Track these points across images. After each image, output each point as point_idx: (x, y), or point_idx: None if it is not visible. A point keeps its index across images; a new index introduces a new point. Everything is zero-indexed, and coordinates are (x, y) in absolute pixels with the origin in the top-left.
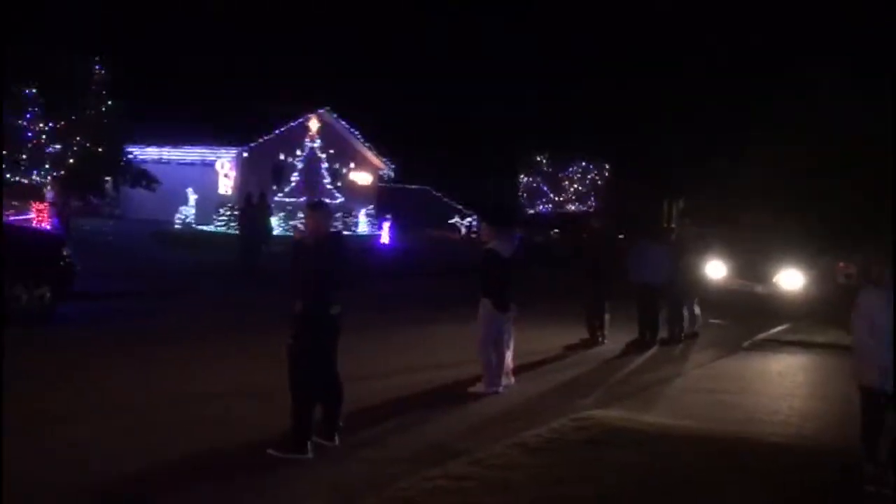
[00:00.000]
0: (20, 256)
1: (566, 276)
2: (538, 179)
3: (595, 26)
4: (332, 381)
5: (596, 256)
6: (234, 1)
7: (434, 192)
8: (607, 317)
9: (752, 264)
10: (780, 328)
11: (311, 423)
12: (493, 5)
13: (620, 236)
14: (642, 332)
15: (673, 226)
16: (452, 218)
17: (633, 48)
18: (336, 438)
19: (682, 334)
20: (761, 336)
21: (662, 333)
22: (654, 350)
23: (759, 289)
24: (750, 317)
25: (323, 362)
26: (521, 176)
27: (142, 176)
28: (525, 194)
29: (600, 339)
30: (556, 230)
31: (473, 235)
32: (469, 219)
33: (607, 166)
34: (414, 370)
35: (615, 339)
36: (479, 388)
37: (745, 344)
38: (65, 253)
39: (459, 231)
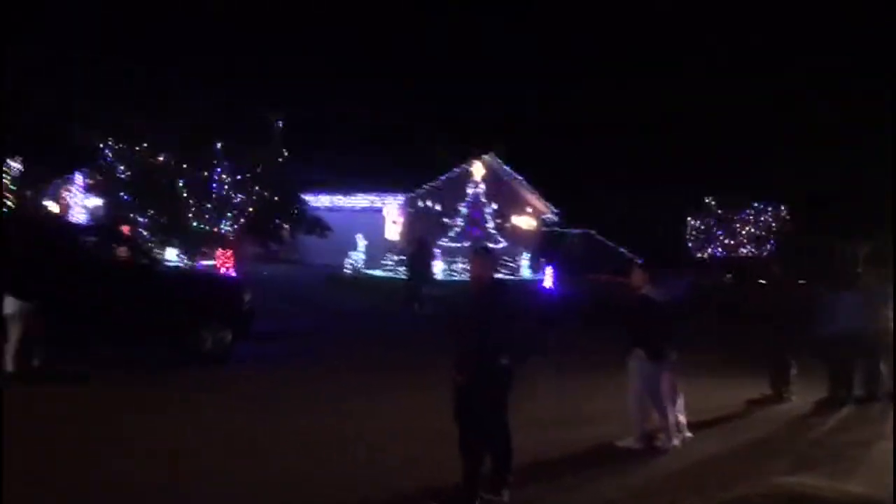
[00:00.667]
0: (207, 301)
1: (740, 325)
2: (708, 222)
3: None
4: (502, 434)
5: (778, 304)
6: (401, 51)
7: (596, 236)
8: (793, 371)
9: None
10: None
11: (479, 476)
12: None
13: (801, 282)
14: (835, 389)
15: (859, 271)
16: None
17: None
18: (505, 495)
19: (881, 392)
20: None
21: (857, 390)
22: (848, 409)
23: None
24: None
25: (492, 414)
26: (689, 219)
27: (315, 224)
28: (693, 237)
29: (785, 395)
30: (729, 275)
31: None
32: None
33: (783, 208)
34: (578, 421)
35: (802, 396)
36: (628, 442)
37: None
38: (245, 298)
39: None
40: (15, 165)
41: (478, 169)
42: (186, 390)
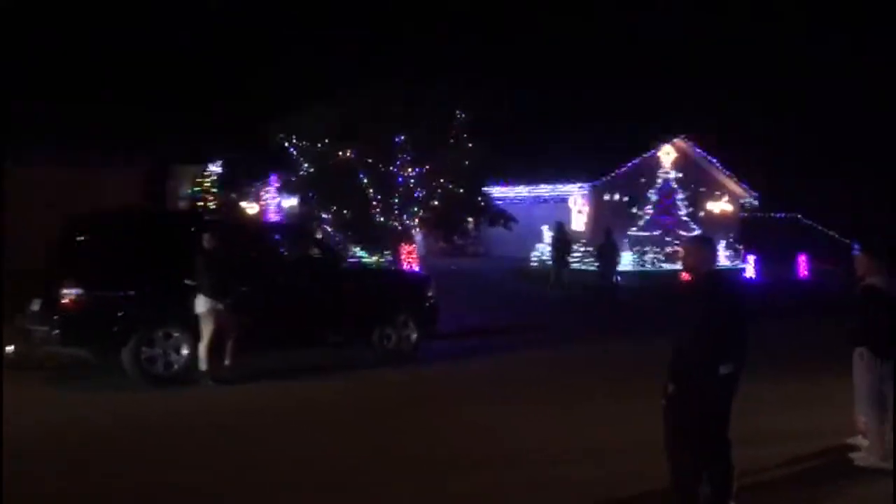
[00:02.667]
0: (391, 298)
1: None
2: None
3: None
4: (723, 457)
5: None
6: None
7: (804, 220)
8: None
9: None
10: None
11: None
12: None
13: None
14: None
15: None
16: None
17: None
18: None
19: None
20: None
21: None
22: None
23: None
24: None
25: (710, 434)
26: None
27: (500, 216)
28: None
29: None
30: None
31: None
32: None
33: None
34: (801, 433)
35: None
36: (862, 458)
37: None
38: (430, 294)
39: None
40: (214, 169)
41: (667, 154)
42: (381, 390)
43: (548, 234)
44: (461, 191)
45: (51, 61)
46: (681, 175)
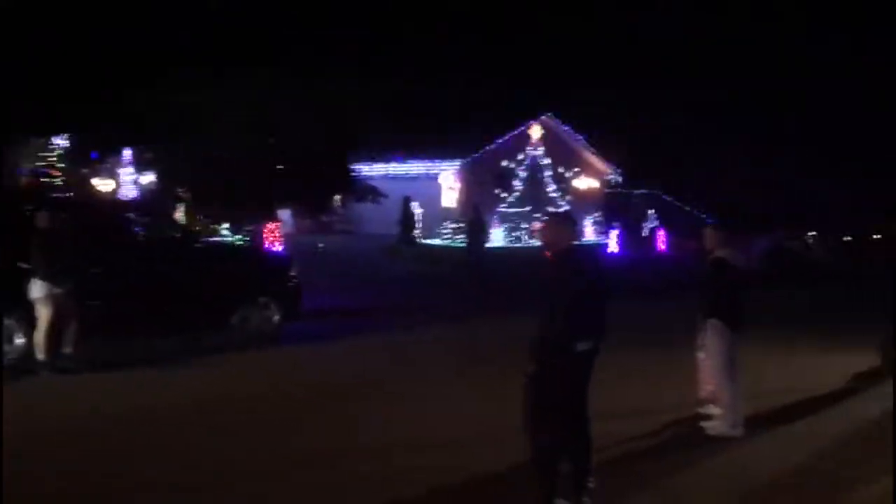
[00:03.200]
0: (250, 278)
1: (830, 291)
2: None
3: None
4: (580, 432)
5: None
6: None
7: (664, 196)
8: None
9: None
10: None
11: (554, 483)
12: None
13: None
14: None
15: None
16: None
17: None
18: (587, 502)
19: None
20: None
21: None
22: None
23: None
24: None
25: (568, 409)
26: None
27: (367, 191)
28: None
29: None
30: (814, 233)
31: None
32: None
33: None
34: (654, 408)
35: None
36: (715, 426)
37: None
38: (292, 274)
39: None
40: (60, 142)
41: (535, 131)
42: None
43: (418, 210)
44: (326, 168)
45: None
46: (548, 152)
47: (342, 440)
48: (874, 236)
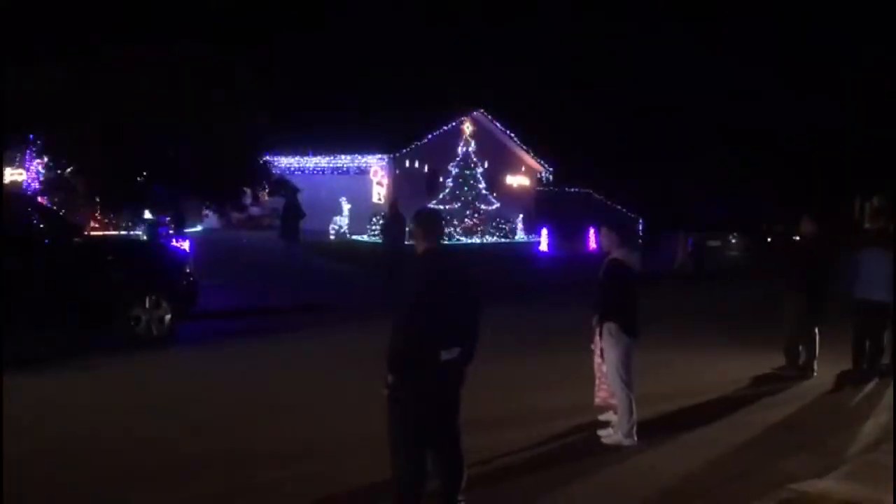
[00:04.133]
0: (139, 275)
1: (749, 290)
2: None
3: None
4: (448, 449)
5: (808, 266)
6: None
7: (595, 195)
8: (817, 342)
9: None
10: None
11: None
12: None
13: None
14: (858, 360)
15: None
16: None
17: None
18: None
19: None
20: None
21: (885, 360)
22: (874, 384)
23: None
24: None
25: (432, 425)
26: None
27: (280, 185)
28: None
29: (808, 371)
30: (735, 233)
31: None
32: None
33: None
34: (544, 413)
35: (822, 371)
36: (609, 435)
37: None
38: (187, 270)
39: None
40: None
41: (467, 127)
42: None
43: (346, 205)
44: (237, 160)
45: None
46: (480, 149)
47: (197, 451)
48: (794, 237)
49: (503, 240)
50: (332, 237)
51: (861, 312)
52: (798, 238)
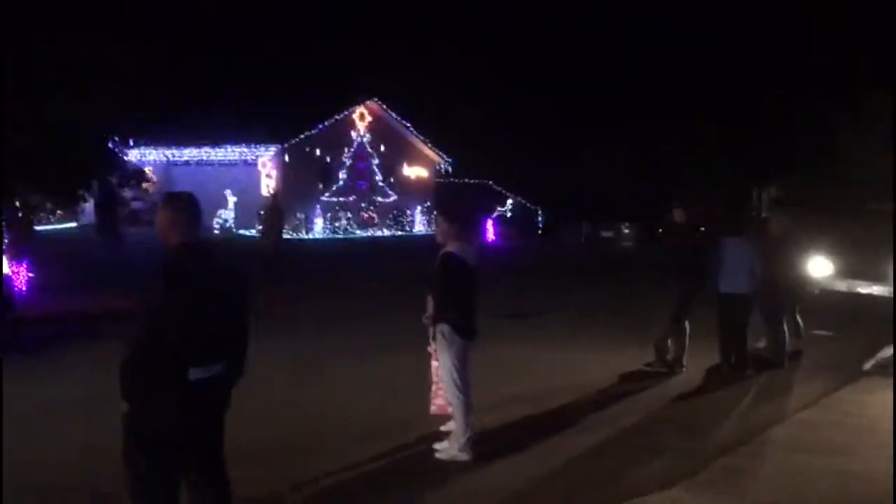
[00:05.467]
0: None
1: (639, 282)
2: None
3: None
4: (208, 486)
5: (678, 257)
6: None
7: (495, 187)
8: (687, 335)
9: (868, 259)
10: None
11: None
12: None
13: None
14: (725, 356)
15: (764, 216)
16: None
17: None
18: None
19: (784, 355)
20: (887, 354)
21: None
22: (743, 379)
23: (876, 289)
24: (866, 326)
25: (183, 458)
26: None
27: (132, 176)
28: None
29: (677, 366)
30: (627, 224)
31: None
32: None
33: None
34: (369, 425)
35: (692, 365)
36: (444, 449)
37: (867, 366)
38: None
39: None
40: None
41: (361, 116)
42: None
43: (231, 199)
44: (76, 146)
45: None
46: (376, 139)
47: None
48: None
49: (400, 233)
50: (216, 231)
51: (723, 305)
52: (672, 228)
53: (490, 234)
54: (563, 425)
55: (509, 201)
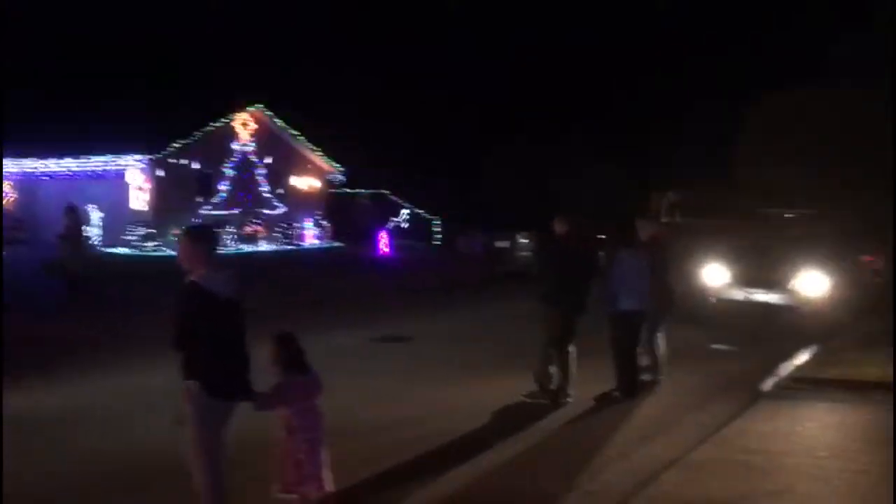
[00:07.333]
0: None
1: (530, 297)
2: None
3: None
4: None
5: (559, 272)
6: None
7: (390, 197)
8: (572, 359)
9: (763, 267)
10: (807, 355)
11: None
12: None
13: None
14: (620, 379)
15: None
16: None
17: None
18: None
19: (658, 372)
20: (787, 372)
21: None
22: (633, 405)
23: (773, 298)
24: (764, 337)
25: None
26: None
27: None
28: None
29: (562, 396)
30: (524, 233)
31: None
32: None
33: None
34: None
35: (582, 391)
36: None
37: (767, 387)
38: None
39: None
40: None
41: (244, 124)
42: None
43: (96, 214)
44: None
45: None
46: (262, 148)
47: None
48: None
49: (289, 246)
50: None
51: (614, 324)
52: (550, 240)
53: (384, 245)
54: (422, 472)
55: (405, 212)
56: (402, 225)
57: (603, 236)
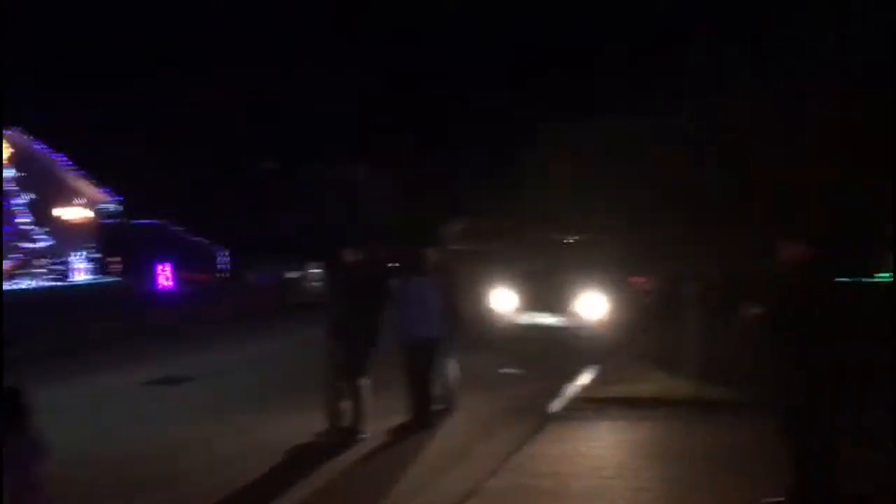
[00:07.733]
0: None
1: (319, 328)
2: None
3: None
4: None
5: (348, 300)
6: None
7: (171, 227)
8: (365, 392)
9: (546, 291)
10: (589, 376)
11: None
12: None
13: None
14: (415, 410)
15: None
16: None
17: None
18: None
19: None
20: (572, 393)
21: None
22: (427, 436)
23: (556, 321)
24: (549, 360)
25: None
26: None
27: None
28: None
29: (358, 433)
30: (315, 263)
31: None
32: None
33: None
34: None
35: (376, 423)
36: None
37: (554, 409)
38: None
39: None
40: None
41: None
42: None
43: None
44: None
45: None
46: (22, 176)
47: None
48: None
49: (57, 283)
50: None
51: (408, 352)
52: (332, 272)
53: (164, 279)
54: None
55: (189, 243)
56: (186, 258)
57: (395, 264)
